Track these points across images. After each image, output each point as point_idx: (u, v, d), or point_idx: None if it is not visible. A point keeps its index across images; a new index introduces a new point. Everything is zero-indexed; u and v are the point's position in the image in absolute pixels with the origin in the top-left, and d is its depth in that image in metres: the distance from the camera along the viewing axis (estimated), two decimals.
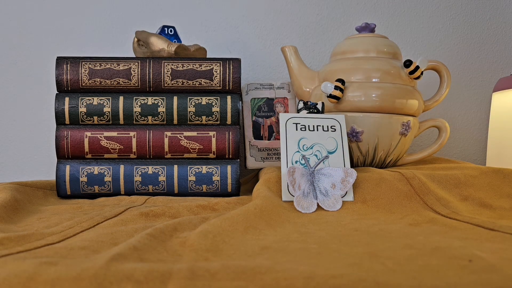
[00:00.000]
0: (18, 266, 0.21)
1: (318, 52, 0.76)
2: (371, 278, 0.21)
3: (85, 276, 0.20)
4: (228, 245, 0.29)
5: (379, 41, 0.58)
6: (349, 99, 0.54)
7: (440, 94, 0.60)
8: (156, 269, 0.21)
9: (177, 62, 0.54)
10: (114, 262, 0.22)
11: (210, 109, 0.53)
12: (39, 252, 0.26)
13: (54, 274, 0.20)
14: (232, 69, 0.54)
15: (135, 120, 0.53)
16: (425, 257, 0.25)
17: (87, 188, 0.53)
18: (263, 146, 0.63)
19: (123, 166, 0.53)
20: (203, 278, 0.21)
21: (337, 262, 0.24)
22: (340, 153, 0.47)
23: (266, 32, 0.76)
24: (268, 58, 0.76)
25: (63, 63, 0.53)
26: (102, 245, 0.28)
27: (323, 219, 0.38)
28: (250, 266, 0.22)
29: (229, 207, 0.44)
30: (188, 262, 0.23)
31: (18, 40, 0.75)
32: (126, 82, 0.53)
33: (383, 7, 0.77)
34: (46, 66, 0.74)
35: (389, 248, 0.27)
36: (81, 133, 0.52)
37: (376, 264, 0.24)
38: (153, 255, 0.26)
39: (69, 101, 0.53)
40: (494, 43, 0.79)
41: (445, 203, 0.42)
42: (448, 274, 0.22)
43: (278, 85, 0.65)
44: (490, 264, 0.24)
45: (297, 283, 0.20)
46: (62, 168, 0.52)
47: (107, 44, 0.75)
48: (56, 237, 0.30)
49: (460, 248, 0.27)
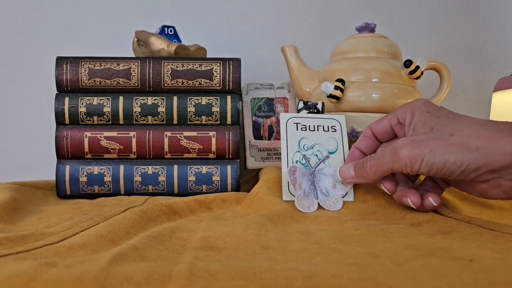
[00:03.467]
0: (18, 267, 0.21)
1: (318, 52, 0.76)
2: (371, 278, 0.21)
3: (86, 277, 0.20)
4: (228, 244, 0.29)
5: (379, 41, 0.58)
6: (349, 99, 0.54)
7: (440, 94, 0.60)
8: (156, 271, 0.21)
9: (177, 62, 0.53)
10: (114, 263, 0.22)
11: (210, 109, 0.53)
12: (39, 252, 0.26)
13: (55, 275, 0.20)
14: (232, 69, 0.54)
15: (135, 120, 0.53)
16: (426, 257, 0.25)
17: (87, 188, 0.52)
18: (263, 146, 0.63)
19: (123, 166, 0.53)
20: (203, 279, 0.21)
21: (337, 261, 0.24)
22: (341, 153, 0.47)
23: (266, 32, 0.76)
24: (268, 58, 0.76)
25: (63, 63, 0.53)
26: (101, 245, 0.28)
27: (324, 219, 0.38)
28: (250, 266, 0.22)
29: (224, 205, 0.44)
30: (188, 262, 0.23)
31: (18, 40, 0.75)
32: (126, 82, 0.53)
33: (383, 7, 0.77)
34: (46, 66, 0.74)
35: (390, 248, 0.27)
36: (81, 133, 0.52)
37: (376, 264, 0.24)
38: (153, 253, 0.26)
39: (69, 101, 0.53)
40: (494, 43, 0.79)
41: (446, 203, 0.42)
42: (448, 274, 0.22)
43: (278, 85, 0.65)
44: (491, 264, 0.24)
45: (296, 282, 0.20)
46: (61, 168, 0.52)
47: (107, 44, 0.75)
48: (56, 237, 0.30)
49: (461, 248, 0.27)
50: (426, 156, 0.32)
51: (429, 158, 0.32)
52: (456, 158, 0.31)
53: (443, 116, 0.35)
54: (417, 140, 0.34)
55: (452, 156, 0.32)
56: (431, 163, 0.32)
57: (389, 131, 0.40)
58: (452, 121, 0.34)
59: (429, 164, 0.32)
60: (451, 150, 0.32)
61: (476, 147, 0.31)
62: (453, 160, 0.32)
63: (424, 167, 0.33)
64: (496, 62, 0.79)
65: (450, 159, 0.32)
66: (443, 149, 0.32)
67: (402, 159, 0.34)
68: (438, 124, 0.34)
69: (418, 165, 0.33)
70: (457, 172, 0.32)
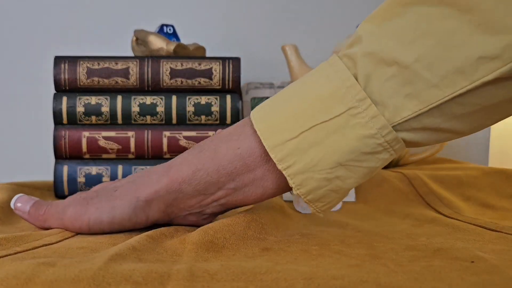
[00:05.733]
0: (16, 267, 0.21)
1: (318, 50, 0.76)
2: (372, 280, 0.20)
3: (84, 277, 0.20)
4: (228, 245, 0.28)
5: None
6: None
7: None
8: (155, 270, 0.21)
9: (176, 61, 0.53)
10: (112, 263, 0.22)
11: (209, 109, 0.53)
12: (37, 252, 0.26)
13: (53, 275, 0.20)
14: (232, 68, 0.53)
15: (134, 120, 0.53)
16: (427, 258, 0.25)
17: (85, 188, 0.52)
18: None
19: (121, 166, 0.52)
20: (202, 279, 0.20)
21: (338, 263, 0.24)
22: None
23: (266, 31, 0.76)
24: (268, 57, 0.76)
25: (61, 62, 0.53)
26: (100, 245, 0.28)
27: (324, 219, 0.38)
28: (250, 267, 0.22)
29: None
30: (188, 262, 0.23)
31: (16, 39, 0.75)
32: (125, 81, 0.53)
33: None
34: (44, 66, 0.74)
35: (391, 249, 0.27)
36: (79, 133, 0.52)
37: (378, 265, 0.24)
38: (152, 255, 0.26)
39: (67, 101, 0.52)
40: None
41: (448, 203, 0.42)
42: (450, 275, 0.22)
43: (279, 84, 0.64)
44: (493, 265, 0.23)
45: (297, 284, 0.20)
46: (59, 169, 0.52)
47: (105, 43, 0.75)
48: (54, 237, 0.30)
49: (463, 249, 0.27)
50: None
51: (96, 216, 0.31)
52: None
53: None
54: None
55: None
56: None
57: None
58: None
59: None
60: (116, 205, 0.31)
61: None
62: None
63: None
64: None
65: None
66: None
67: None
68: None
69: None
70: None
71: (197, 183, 0.31)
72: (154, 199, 0.31)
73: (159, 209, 0.32)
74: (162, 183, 0.31)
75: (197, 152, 0.31)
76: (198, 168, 0.30)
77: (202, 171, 0.30)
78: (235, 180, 0.30)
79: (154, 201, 0.31)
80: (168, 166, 0.32)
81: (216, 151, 0.31)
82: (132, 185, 0.32)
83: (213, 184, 0.31)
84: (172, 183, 0.31)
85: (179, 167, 0.31)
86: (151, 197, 0.31)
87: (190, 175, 0.31)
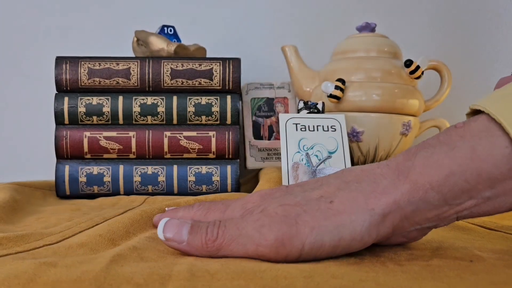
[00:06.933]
0: (17, 267, 0.21)
1: (318, 51, 0.76)
2: (371, 279, 0.20)
3: (85, 278, 0.20)
4: None
5: (380, 41, 0.58)
6: (349, 98, 0.54)
7: (441, 93, 0.60)
8: (156, 272, 0.21)
9: (176, 62, 0.53)
10: (114, 264, 0.22)
11: (209, 109, 0.53)
12: (38, 252, 0.26)
13: (54, 276, 0.20)
14: (232, 69, 0.54)
15: (135, 120, 0.53)
16: (426, 258, 0.25)
17: (86, 188, 0.52)
18: (263, 146, 0.62)
19: (123, 166, 0.53)
20: (202, 279, 0.21)
21: (338, 262, 0.24)
22: (341, 153, 0.47)
23: (266, 31, 0.76)
24: (268, 58, 0.76)
25: (62, 63, 0.53)
26: (101, 244, 0.28)
27: None
28: (250, 265, 0.22)
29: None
30: (188, 262, 0.23)
31: (17, 39, 0.75)
32: (126, 81, 0.53)
33: (383, 7, 0.77)
34: (45, 66, 0.74)
35: (390, 249, 0.27)
36: (80, 133, 0.52)
37: (377, 264, 0.24)
38: (153, 253, 0.26)
39: (68, 101, 0.52)
40: (494, 43, 0.79)
41: None
42: (449, 274, 0.22)
43: (278, 85, 0.65)
44: (492, 264, 0.23)
45: (297, 282, 0.20)
46: (61, 168, 0.52)
47: (106, 44, 0.75)
48: (55, 237, 0.30)
49: (462, 249, 0.27)
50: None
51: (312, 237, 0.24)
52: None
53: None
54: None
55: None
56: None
57: None
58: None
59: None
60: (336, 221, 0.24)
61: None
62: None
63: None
64: (496, 62, 0.79)
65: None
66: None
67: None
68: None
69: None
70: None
71: (449, 190, 0.24)
72: (392, 212, 0.24)
73: (392, 224, 0.25)
74: (403, 190, 0.24)
75: (448, 150, 0.24)
76: (452, 171, 0.24)
77: (457, 175, 0.24)
78: (494, 187, 0.23)
79: (390, 214, 0.24)
80: (400, 167, 0.25)
81: (475, 150, 0.23)
82: (356, 193, 0.25)
83: (466, 192, 0.24)
84: (415, 190, 0.24)
85: (424, 169, 0.24)
86: (389, 209, 0.24)
87: (442, 179, 0.24)
